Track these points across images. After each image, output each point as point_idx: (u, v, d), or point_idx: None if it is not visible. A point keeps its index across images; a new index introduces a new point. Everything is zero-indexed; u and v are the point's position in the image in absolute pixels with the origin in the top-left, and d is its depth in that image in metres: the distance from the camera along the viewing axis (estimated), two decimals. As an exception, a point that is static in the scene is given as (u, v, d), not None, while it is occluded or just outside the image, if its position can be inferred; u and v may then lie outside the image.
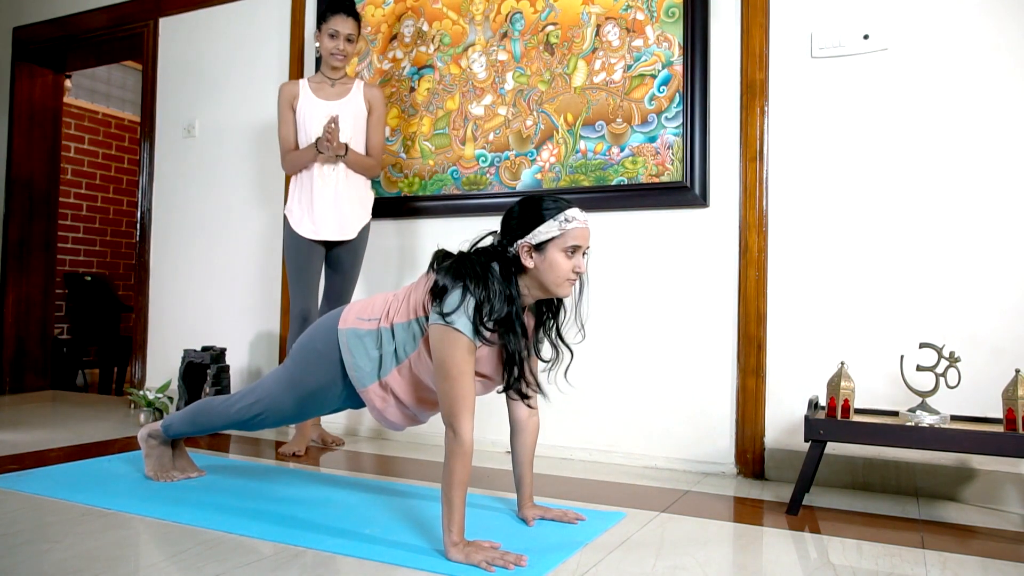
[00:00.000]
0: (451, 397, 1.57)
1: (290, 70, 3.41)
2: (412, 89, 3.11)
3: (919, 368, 2.05)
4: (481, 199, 2.93)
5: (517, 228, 1.65)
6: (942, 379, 2.01)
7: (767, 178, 2.49)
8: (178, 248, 3.76)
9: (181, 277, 3.73)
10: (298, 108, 2.79)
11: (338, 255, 2.82)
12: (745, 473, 2.47)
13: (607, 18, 2.72)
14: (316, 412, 2.00)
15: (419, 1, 3.11)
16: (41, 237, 4.44)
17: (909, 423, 1.99)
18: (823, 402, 2.25)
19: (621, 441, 2.66)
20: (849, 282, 2.37)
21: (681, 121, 2.58)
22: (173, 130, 3.81)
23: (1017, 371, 1.89)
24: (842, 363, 2.06)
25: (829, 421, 2.01)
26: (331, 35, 2.76)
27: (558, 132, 2.79)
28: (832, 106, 2.41)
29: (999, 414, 2.04)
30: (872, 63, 2.36)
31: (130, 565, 1.54)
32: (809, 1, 2.45)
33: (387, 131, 3.13)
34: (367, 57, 3.22)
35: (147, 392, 3.27)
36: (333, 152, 2.69)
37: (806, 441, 2.03)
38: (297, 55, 3.40)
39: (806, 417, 2.02)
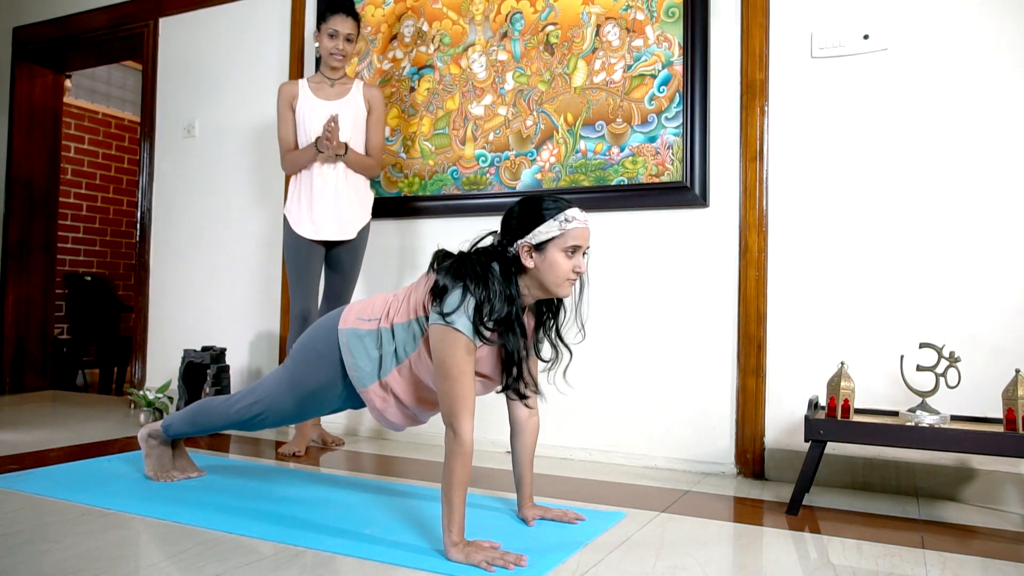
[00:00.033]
0: (451, 397, 1.57)
1: (290, 70, 3.41)
2: (412, 89, 3.11)
3: (919, 368, 2.05)
4: (481, 199, 2.93)
5: (517, 228, 1.65)
6: (942, 379, 2.01)
7: (767, 178, 2.49)
8: (178, 248, 3.76)
9: (181, 277, 3.74)
10: (297, 108, 2.79)
11: (338, 255, 2.82)
12: (745, 473, 2.47)
13: (607, 18, 2.72)
14: (316, 412, 2.00)
15: (419, 1, 3.11)
16: (41, 237, 4.44)
17: (909, 423, 1.99)
18: (823, 402, 2.25)
19: (621, 441, 2.66)
20: (849, 282, 2.37)
21: (681, 121, 2.58)
22: (173, 130, 3.82)
23: (1017, 371, 1.89)
24: (842, 363, 2.06)
25: (829, 421, 2.01)
26: (330, 35, 2.76)
27: (558, 132, 2.79)
28: (832, 106, 2.41)
29: (999, 414, 2.04)
30: (872, 63, 2.36)
31: (130, 565, 1.54)
32: (809, 1, 2.45)
33: (387, 131, 3.13)
34: (367, 57, 3.22)
35: (147, 392, 3.27)
36: (333, 151, 2.69)
37: (806, 441, 2.03)
38: (297, 55, 3.40)
39: (806, 417, 2.02)
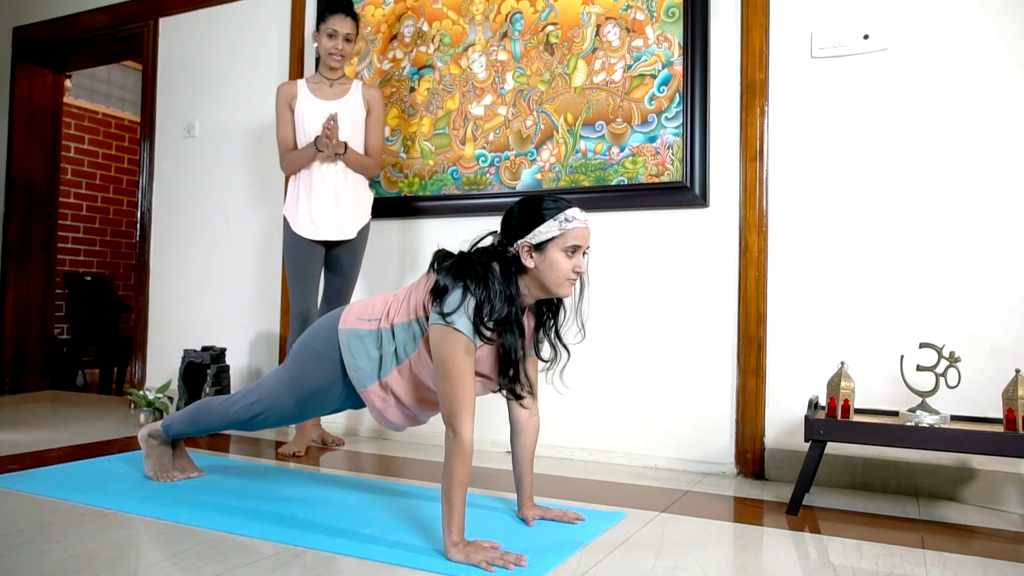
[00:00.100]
0: (451, 397, 1.57)
1: (290, 70, 3.41)
2: (412, 89, 3.11)
3: (919, 368, 2.05)
4: (481, 199, 2.93)
5: (517, 228, 1.65)
6: (942, 379, 2.01)
7: (767, 178, 2.49)
8: (178, 248, 3.76)
9: (181, 277, 3.73)
10: (296, 108, 2.79)
11: (337, 255, 2.82)
12: (745, 473, 2.47)
13: (607, 18, 2.72)
14: (316, 412, 2.00)
15: (419, 1, 3.11)
16: (41, 237, 4.44)
17: (909, 423, 1.99)
18: (823, 402, 2.25)
19: (621, 441, 2.66)
20: (849, 282, 2.37)
21: (681, 121, 2.58)
22: (173, 130, 3.82)
23: (1017, 371, 1.89)
24: (842, 363, 2.06)
25: (829, 421, 2.01)
26: (329, 35, 2.76)
27: (558, 132, 2.79)
28: (832, 106, 2.41)
29: (999, 414, 2.04)
30: (872, 63, 2.36)
31: (130, 565, 1.54)
32: (809, 1, 2.45)
33: (387, 131, 3.13)
34: (367, 57, 3.22)
35: (147, 392, 3.27)
36: (332, 150, 2.69)
37: (806, 441, 2.03)
38: (297, 55, 3.40)
39: (806, 417, 2.02)
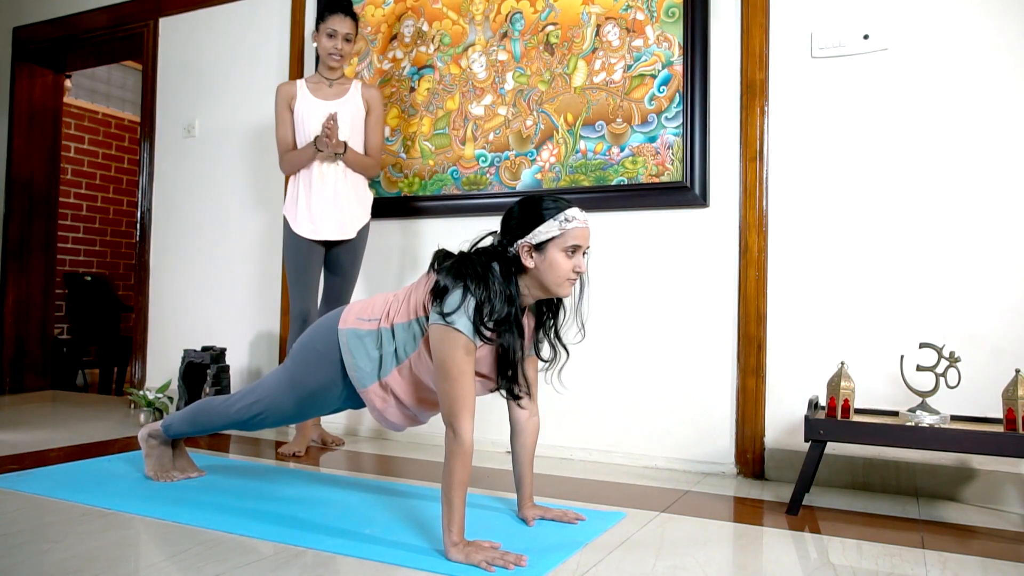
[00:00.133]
0: (451, 397, 1.57)
1: (290, 70, 3.41)
2: (412, 89, 3.11)
3: (919, 368, 2.05)
4: (481, 199, 2.93)
5: (517, 228, 1.65)
6: (942, 379, 2.01)
7: (767, 178, 2.49)
8: (178, 248, 3.76)
9: (181, 277, 3.73)
10: (296, 108, 2.79)
11: (337, 255, 2.82)
12: (745, 473, 2.47)
13: (607, 18, 2.72)
14: (316, 412, 2.00)
15: (419, 1, 3.11)
16: (41, 237, 4.44)
17: (909, 423, 1.99)
18: (823, 402, 2.25)
19: (621, 441, 2.66)
20: (849, 282, 2.37)
21: (681, 121, 2.58)
22: (173, 130, 3.82)
23: (1017, 371, 1.89)
24: (842, 363, 2.06)
25: (829, 421, 2.01)
26: (329, 35, 2.76)
27: (558, 132, 2.79)
28: (832, 106, 2.41)
29: (999, 414, 2.04)
30: (872, 63, 2.36)
31: (130, 565, 1.54)
32: (809, 1, 2.45)
33: (387, 131, 3.13)
34: (367, 57, 3.22)
35: (147, 392, 3.27)
36: (332, 150, 2.69)
37: (806, 441, 2.03)
38: (297, 55, 3.40)
39: (806, 417, 2.02)
